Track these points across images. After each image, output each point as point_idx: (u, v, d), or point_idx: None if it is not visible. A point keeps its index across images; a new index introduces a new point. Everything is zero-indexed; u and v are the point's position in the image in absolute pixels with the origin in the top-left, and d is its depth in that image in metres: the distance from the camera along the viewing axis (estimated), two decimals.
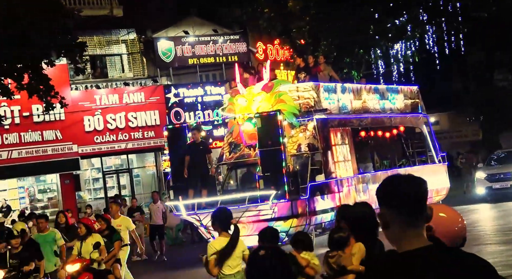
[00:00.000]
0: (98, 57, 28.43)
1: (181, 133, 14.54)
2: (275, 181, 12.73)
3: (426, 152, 19.04)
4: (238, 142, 14.90)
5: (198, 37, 28.92)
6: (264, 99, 14.54)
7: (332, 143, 14.98)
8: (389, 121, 17.74)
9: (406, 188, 2.37)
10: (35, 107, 25.40)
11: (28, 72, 20.46)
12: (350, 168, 15.39)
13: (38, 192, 27.25)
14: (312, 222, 13.64)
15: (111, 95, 27.45)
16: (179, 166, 13.95)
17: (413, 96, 19.50)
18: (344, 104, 16.10)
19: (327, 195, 14.15)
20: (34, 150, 26.05)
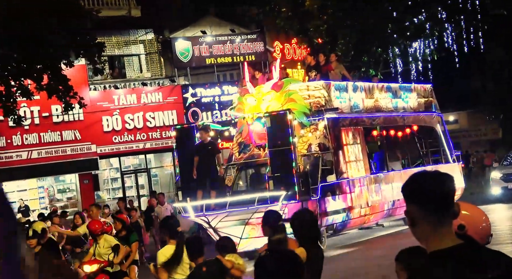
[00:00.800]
0: (116, 58, 28.59)
1: (189, 133, 14.38)
2: (285, 182, 12.58)
3: (440, 151, 18.77)
4: (247, 142, 14.73)
5: (216, 36, 28.95)
6: (274, 98, 14.35)
7: (343, 143, 14.77)
8: (402, 120, 17.51)
9: (433, 185, 2.36)
10: (55, 108, 25.59)
11: (47, 72, 20.65)
12: (362, 168, 15.15)
13: (58, 192, 27.48)
14: (323, 223, 13.46)
15: (129, 95, 27.58)
16: (188, 167, 13.81)
17: (426, 94, 19.22)
18: (355, 103, 15.88)
19: (338, 195, 13.97)
20: (54, 150, 26.27)
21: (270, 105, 14.29)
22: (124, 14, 28.34)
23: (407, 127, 17.64)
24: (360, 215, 14.64)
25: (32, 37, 18.58)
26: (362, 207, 14.61)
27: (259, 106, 14.34)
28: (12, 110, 20.85)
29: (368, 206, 14.80)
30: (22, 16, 18.06)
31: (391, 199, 15.71)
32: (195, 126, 14.71)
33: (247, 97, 14.59)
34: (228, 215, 12.55)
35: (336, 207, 13.80)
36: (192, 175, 13.61)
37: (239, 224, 12.71)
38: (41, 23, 18.85)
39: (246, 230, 12.71)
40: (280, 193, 12.52)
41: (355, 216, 14.47)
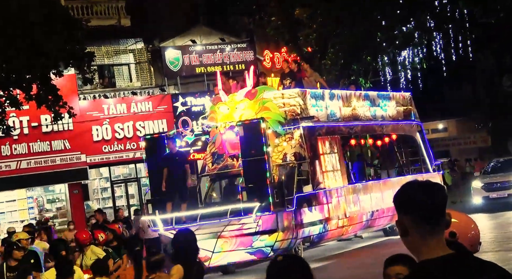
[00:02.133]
0: (106, 67, 28.61)
1: (159, 144, 14.01)
2: (259, 193, 12.26)
3: (420, 160, 18.49)
4: (220, 152, 14.37)
5: (206, 46, 29.00)
6: (247, 106, 14.01)
7: (320, 152, 14.45)
8: (380, 128, 17.22)
9: (424, 195, 2.34)
10: (44, 118, 25.58)
11: (37, 82, 20.70)
12: (340, 178, 14.82)
13: (47, 202, 27.42)
14: (299, 235, 13.15)
15: (119, 104, 27.56)
16: (158, 179, 13.53)
17: (405, 102, 18.96)
18: (332, 111, 15.56)
19: (315, 206, 13.65)
20: (43, 160, 26.25)
21: (244, 113, 13.95)
22: (113, 23, 28.41)
23: (386, 136, 17.37)
24: (338, 226, 14.32)
25: (26, 47, 18.64)
26: (339, 218, 14.31)
27: (232, 115, 14.00)
28: (1, 120, 20.85)
29: (346, 217, 14.50)
30: (12, 25, 18.11)
31: (369, 209, 15.46)
32: (165, 136, 14.38)
33: (219, 105, 14.25)
34: (199, 228, 12.05)
35: (312, 218, 13.50)
36: (161, 187, 13.36)
37: (211, 238, 12.39)
38: (31, 33, 18.91)
39: (218, 243, 12.43)
40: (253, 205, 12.20)
41: (333, 228, 14.15)
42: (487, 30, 27.28)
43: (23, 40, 18.53)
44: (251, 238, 12.35)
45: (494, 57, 30.88)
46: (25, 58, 19.14)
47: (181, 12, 30.01)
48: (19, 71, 19.76)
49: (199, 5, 30.24)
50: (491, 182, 20.36)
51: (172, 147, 13.80)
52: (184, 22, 29.69)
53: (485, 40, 28.06)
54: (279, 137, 14.15)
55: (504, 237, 14.97)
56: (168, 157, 13.68)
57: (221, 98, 14.42)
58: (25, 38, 18.60)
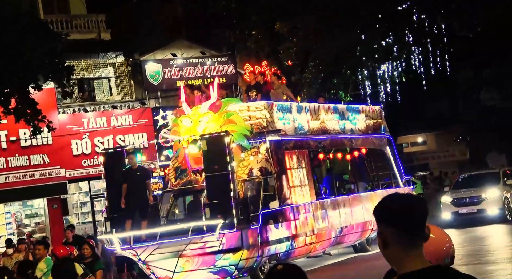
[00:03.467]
0: (86, 81, 28.49)
1: (119, 158, 13.51)
2: (223, 209, 11.89)
3: (391, 175, 18.21)
4: (184, 167, 13.89)
5: (186, 59, 28.99)
6: (212, 119, 13.60)
7: (287, 167, 14.05)
8: (349, 142, 16.89)
9: (406, 207, 2.36)
10: (22, 132, 25.39)
11: (15, 96, 20.61)
12: (308, 193, 14.42)
13: (25, 217, 27.19)
14: (265, 253, 12.78)
15: (99, 118, 27.44)
16: (117, 195, 13.08)
17: (375, 116, 18.67)
18: (300, 124, 15.17)
19: (281, 223, 13.25)
20: (21, 175, 26.05)
21: (208, 127, 13.52)
22: (94, 37, 28.36)
23: (355, 150, 17.06)
24: (306, 243, 13.99)
25: (5, 60, 18.57)
26: (307, 235, 13.97)
27: (195, 128, 13.55)
28: None
29: (314, 234, 14.18)
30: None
31: (338, 226, 15.14)
32: (124, 150, 13.90)
33: (182, 118, 13.80)
34: (159, 247, 11.82)
35: (279, 235, 13.15)
36: (120, 204, 12.97)
37: (171, 257, 11.98)
38: (9, 46, 18.85)
39: (179, 263, 12.01)
40: (217, 222, 11.83)
41: (300, 245, 13.80)
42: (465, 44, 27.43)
43: (0, 54, 18.46)
44: (214, 257, 11.95)
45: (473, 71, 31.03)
46: (4, 72, 19.05)
47: (161, 25, 30.03)
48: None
49: (180, 19, 30.27)
50: (460, 197, 20.09)
51: (133, 161, 13.37)
52: (165, 35, 29.71)
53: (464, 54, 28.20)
54: (244, 151, 13.73)
55: (482, 250, 14.92)
56: (128, 172, 13.26)
57: (184, 110, 14.00)
58: (3, 51, 18.53)
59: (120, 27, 28.45)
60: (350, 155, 17.05)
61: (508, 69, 29.16)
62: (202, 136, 12.87)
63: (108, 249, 12.50)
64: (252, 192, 13.36)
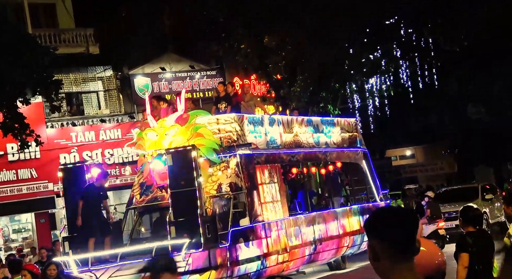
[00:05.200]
0: (74, 95, 28.39)
1: (78, 174, 12.90)
2: (189, 228, 11.32)
3: (367, 189, 17.74)
4: (148, 183, 13.33)
5: (175, 73, 28.92)
6: (178, 133, 12.94)
7: (258, 182, 13.46)
8: (324, 156, 16.27)
9: (396, 221, 2.37)
10: (10, 146, 25.28)
11: (3, 110, 20.51)
12: (280, 209, 13.83)
13: (13, 232, 27.02)
14: (234, 273, 12.24)
15: (87, 132, 27.33)
16: (76, 213, 12.52)
17: (351, 129, 18.15)
18: (272, 137, 14.56)
19: (252, 241, 12.72)
20: (9, 189, 25.90)
21: (174, 140, 12.88)
22: (82, 51, 28.30)
23: (330, 163, 16.53)
24: (278, 262, 13.45)
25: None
26: (279, 253, 13.45)
27: (160, 142, 12.91)
28: None
29: (286, 252, 13.65)
30: None
31: (312, 243, 14.65)
32: (84, 166, 13.28)
33: (147, 131, 13.16)
34: (121, 269, 11.26)
35: (249, 254, 12.62)
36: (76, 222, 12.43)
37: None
38: (2, 61, 18.77)
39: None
40: (183, 241, 11.30)
41: (272, 264, 13.26)
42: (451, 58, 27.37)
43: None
44: (181, 278, 11.13)
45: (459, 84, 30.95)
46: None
47: (150, 39, 29.97)
48: None
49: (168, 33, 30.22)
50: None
51: (92, 178, 12.89)
52: (153, 49, 29.65)
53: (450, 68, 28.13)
54: (213, 166, 13.16)
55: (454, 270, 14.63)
56: (88, 188, 12.76)
57: (149, 123, 13.42)
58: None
59: (108, 41, 28.38)
60: (325, 169, 16.59)
61: (491, 84, 29.16)
62: (167, 150, 12.32)
63: (65, 272, 11.58)
64: (221, 209, 12.92)
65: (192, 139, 12.89)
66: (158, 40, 29.74)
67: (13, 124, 20.63)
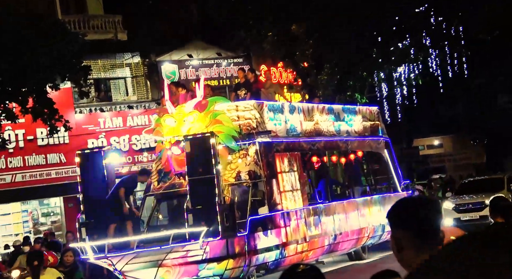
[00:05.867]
0: (102, 81, 28.58)
1: (95, 159, 12.80)
2: (207, 216, 11.10)
3: (388, 179, 17.33)
4: (166, 170, 13.09)
5: (202, 60, 28.91)
6: (197, 119, 12.69)
7: (277, 170, 13.18)
8: (345, 145, 15.99)
9: (420, 210, 2.35)
10: (39, 131, 25.55)
11: (33, 96, 20.73)
12: (299, 198, 13.57)
13: (42, 216, 27.36)
14: (252, 262, 11.99)
15: (115, 118, 27.50)
16: (95, 199, 12.43)
17: (372, 117, 17.75)
18: (292, 125, 14.26)
19: (271, 230, 12.45)
20: (38, 174, 26.22)
21: (192, 127, 12.62)
22: (110, 37, 28.42)
23: (351, 152, 16.26)
24: (297, 251, 13.24)
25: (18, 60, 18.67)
26: (298, 243, 13.23)
27: (179, 129, 12.68)
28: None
29: (305, 242, 13.44)
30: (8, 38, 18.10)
31: (332, 233, 14.41)
32: (101, 151, 13.19)
33: (165, 118, 12.96)
34: (137, 256, 11.19)
35: (268, 243, 12.40)
36: (97, 209, 12.36)
37: (150, 267, 11.29)
38: (27, 46, 18.94)
39: (159, 273, 11.31)
40: (200, 229, 11.09)
41: (291, 253, 13.04)
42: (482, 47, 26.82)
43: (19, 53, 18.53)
44: (197, 266, 11.23)
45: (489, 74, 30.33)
46: (21, 71, 19.17)
47: (178, 26, 29.97)
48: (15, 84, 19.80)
49: (196, 20, 30.16)
50: (462, 203, 19.21)
51: (109, 163, 12.90)
52: (181, 36, 29.64)
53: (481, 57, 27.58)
54: (232, 153, 12.84)
55: None
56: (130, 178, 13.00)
57: (167, 109, 13.15)
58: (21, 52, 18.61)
59: (136, 28, 28.44)
60: (346, 158, 16.30)
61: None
62: (186, 137, 12.11)
63: (82, 258, 11.71)
64: (239, 197, 12.70)
65: (211, 126, 12.70)
66: (185, 27, 29.71)
67: (43, 109, 20.84)
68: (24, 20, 18.96)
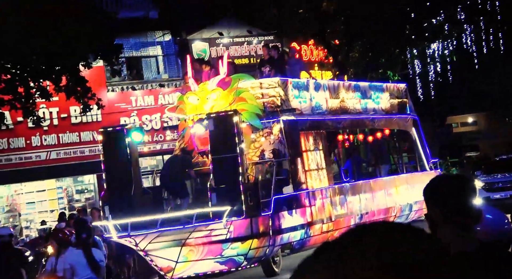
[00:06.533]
0: (134, 59, 28.68)
1: (118, 137, 12.57)
2: (231, 195, 10.95)
3: (416, 158, 16.97)
4: (189, 148, 12.98)
5: (233, 38, 28.72)
6: (220, 97, 12.53)
7: (302, 149, 13.00)
8: (372, 123, 15.69)
9: (456, 188, 2.35)
10: (73, 109, 25.79)
11: (66, 74, 20.91)
12: (325, 177, 13.34)
13: (76, 193, 27.74)
14: (277, 242, 11.83)
15: (146, 96, 27.64)
16: (117, 177, 12.35)
17: (400, 95, 17.36)
18: (318, 103, 14.06)
19: (296, 209, 12.30)
20: (72, 151, 26.51)
21: (216, 105, 12.50)
22: (141, 15, 28.41)
23: (378, 131, 15.92)
24: (322, 231, 13.03)
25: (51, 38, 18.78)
26: (324, 222, 13.06)
27: (202, 106, 12.58)
28: (31, 111, 21.15)
29: (331, 221, 13.26)
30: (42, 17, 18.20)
31: (358, 212, 14.17)
32: (123, 129, 12.89)
33: (188, 95, 12.84)
34: (160, 235, 11.07)
35: (293, 223, 12.22)
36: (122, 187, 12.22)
37: (174, 246, 11.21)
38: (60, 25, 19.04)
39: (182, 252, 11.24)
40: (224, 208, 10.96)
41: (316, 233, 12.87)
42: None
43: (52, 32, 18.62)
44: (221, 246, 11.14)
45: None
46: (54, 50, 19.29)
47: (208, 4, 29.76)
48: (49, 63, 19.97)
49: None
50: (492, 182, 18.56)
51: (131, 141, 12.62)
52: (212, 14, 29.44)
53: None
54: (256, 131, 12.68)
55: None
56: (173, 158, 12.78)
57: (190, 87, 13.01)
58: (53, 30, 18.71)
59: (167, 6, 28.34)
60: (372, 136, 15.93)
61: None
62: (208, 115, 11.94)
63: (104, 236, 11.63)
64: (263, 176, 12.49)
65: (234, 104, 12.51)
66: (216, 5, 29.50)
67: (76, 88, 20.98)
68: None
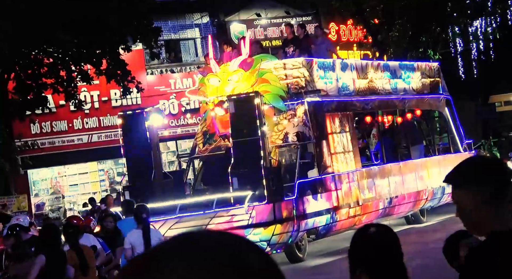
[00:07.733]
0: (172, 42, 28.65)
1: (138, 121, 12.27)
2: (253, 179, 10.65)
3: (449, 139, 16.32)
4: (211, 131, 12.72)
5: (270, 19, 28.39)
6: (242, 78, 12.11)
7: (328, 131, 12.55)
8: (402, 103, 15.06)
9: (488, 169, 2.33)
10: (113, 92, 26.01)
11: (106, 57, 21.05)
12: (352, 160, 12.88)
13: (117, 175, 28.03)
14: (302, 227, 11.47)
15: (185, 79, 27.61)
16: (137, 161, 12.10)
17: (432, 74, 16.57)
18: (344, 83, 13.51)
19: (321, 194, 11.89)
20: (113, 134, 26.66)
21: (237, 86, 12.09)
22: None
23: (408, 111, 15.32)
24: (349, 216, 12.65)
25: (91, 22, 18.91)
26: (351, 207, 12.63)
27: (223, 88, 12.16)
28: (73, 95, 21.49)
29: (358, 205, 12.81)
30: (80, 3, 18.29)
31: (387, 196, 13.64)
32: (143, 112, 12.62)
33: (209, 77, 12.46)
34: (180, 221, 10.80)
35: (318, 207, 11.84)
36: (142, 172, 11.91)
37: None
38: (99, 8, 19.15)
39: None
40: (245, 193, 10.72)
41: (342, 218, 12.50)
42: None
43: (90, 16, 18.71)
44: (243, 231, 10.62)
45: None
46: (94, 34, 19.43)
47: None
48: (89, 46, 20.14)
49: None
50: None
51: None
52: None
53: None
54: (279, 114, 12.32)
55: None
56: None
57: (211, 68, 12.63)
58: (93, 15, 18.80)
59: None
60: (403, 117, 15.38)
61: None
62: (229, 97, 11.61)
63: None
64: (287, 159, 12.21)
65: (257, 85, 12.10)
66: None
67: (116, 71, 21.17)
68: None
